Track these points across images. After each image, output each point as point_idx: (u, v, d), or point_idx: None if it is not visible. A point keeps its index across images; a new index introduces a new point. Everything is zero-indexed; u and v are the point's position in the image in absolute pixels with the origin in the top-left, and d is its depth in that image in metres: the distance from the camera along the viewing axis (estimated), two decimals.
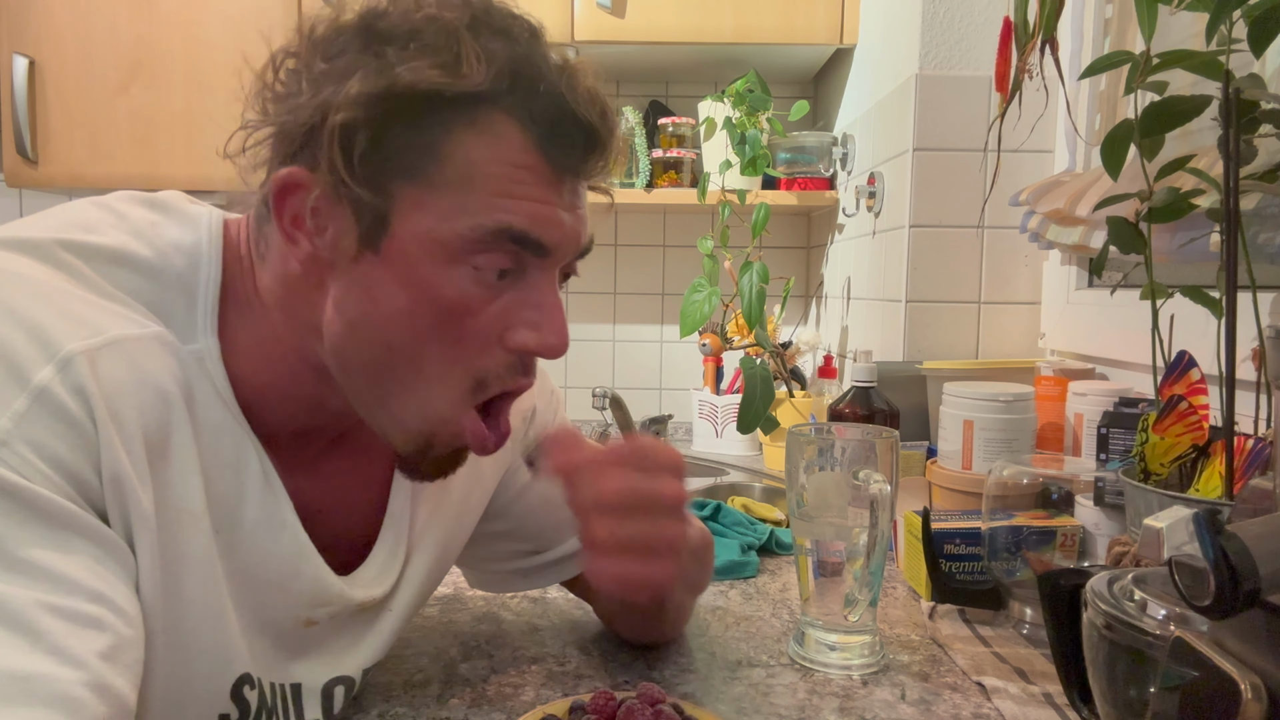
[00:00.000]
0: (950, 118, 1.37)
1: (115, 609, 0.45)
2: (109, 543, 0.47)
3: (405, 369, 0.56)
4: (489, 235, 0.54)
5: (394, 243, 0.54)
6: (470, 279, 0.55)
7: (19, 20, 1.80)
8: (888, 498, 0.74)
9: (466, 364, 0.56)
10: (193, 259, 0.56)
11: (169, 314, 0.55)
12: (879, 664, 0.79)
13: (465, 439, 0.59)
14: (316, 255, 0.55)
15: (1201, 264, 0.97)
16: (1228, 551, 0.41)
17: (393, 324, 0.55)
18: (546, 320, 0.57)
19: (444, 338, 0.55)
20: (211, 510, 0.55)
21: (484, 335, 0.56)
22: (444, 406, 0.57)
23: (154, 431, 0.51)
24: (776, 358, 1.75)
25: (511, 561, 0.82)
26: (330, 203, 0.54)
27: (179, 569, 0.53)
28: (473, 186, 0.53)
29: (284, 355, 0.58)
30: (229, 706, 0.58)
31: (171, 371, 0.52)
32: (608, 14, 1.74)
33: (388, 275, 0.54)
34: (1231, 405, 0.69)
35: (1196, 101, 0.74)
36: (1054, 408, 1.14)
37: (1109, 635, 0.53)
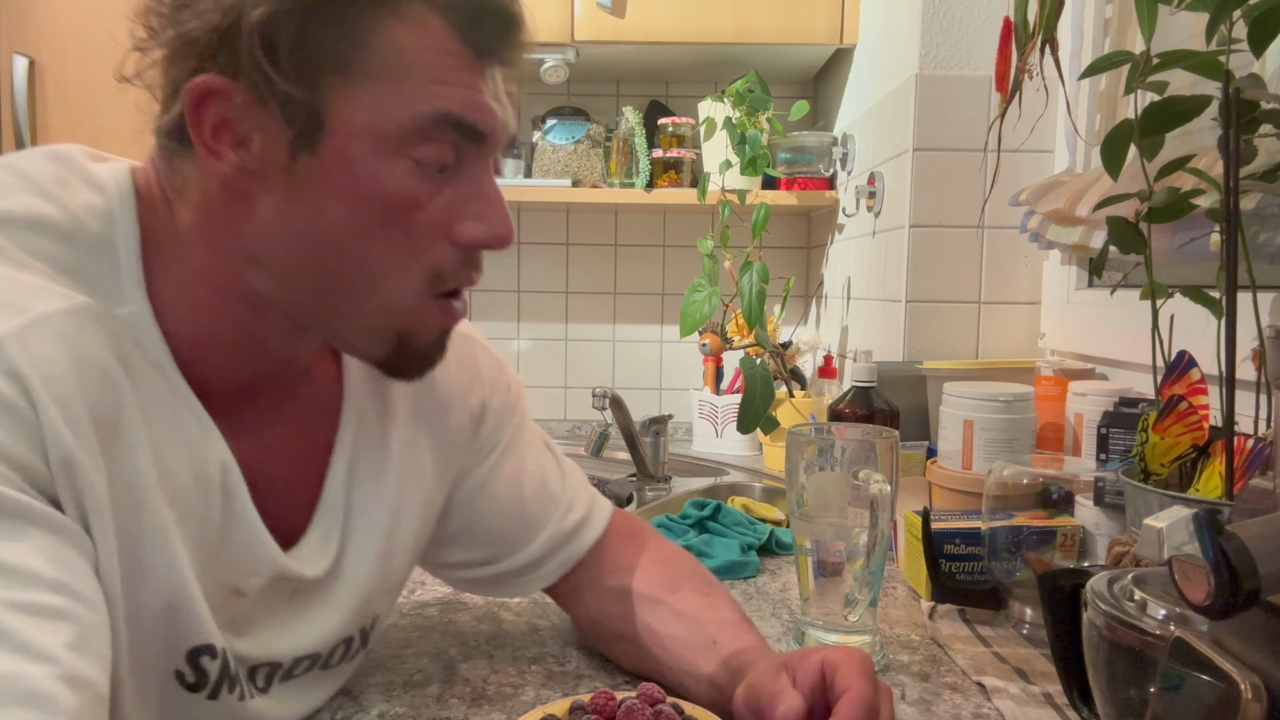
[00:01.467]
0: (950, 118, 1.37)
1: (77, 596, 0.44)
2: (64, 529, 0.46)
3: (359, 272, 0.56)
4: (428, 123, 0.53)
5: (332, 141, 0.52)
6: (412, 173, 0.54)
7: (19, 20, 1.80)
8: (888, 498, 0.74)
9: (419, 258, 0.56)
10: (106, 217, 0.54)
11: (92, 279, 0.53)
12: (879, 664, 0.79)
13: (433, 324, 0.59)
14: (244, 168, 0.53)
15: (1201, 264, 0.97)
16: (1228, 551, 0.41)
17: (342, 227, 0.54)
18: (491, 211, 0.58)
19: (394, 234, 0.55)
20: (163, 482, 0.54)
21: (432, 230, 0.56)
22: (406, 301, 0.57)
23: (101, 410, 0.50)
24: (776, 358, 1.75)
25: (464, 570, 0.79)
26: (255, 108, 0.52)
27: (136, 544, 0.52)
28: (405, 75, 0.53)
29: (218, 297, 0.57)
30: (185, 668, 0.57)
31: (106, 344, 0.51)
32: (608, 14, 1.74)
33: (330, 177, 0.53)
34: (1231, 405, 0.69)
35: (1196, 101, 0.74)
36: (1054, 408, 1.14)
37: (1109, 635, 0.53)
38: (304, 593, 0.65)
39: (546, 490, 0.79)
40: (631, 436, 1.56)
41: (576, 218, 2.17)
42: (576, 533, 0.79)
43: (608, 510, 0.83)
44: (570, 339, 2.19)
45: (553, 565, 0.79)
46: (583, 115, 2.00)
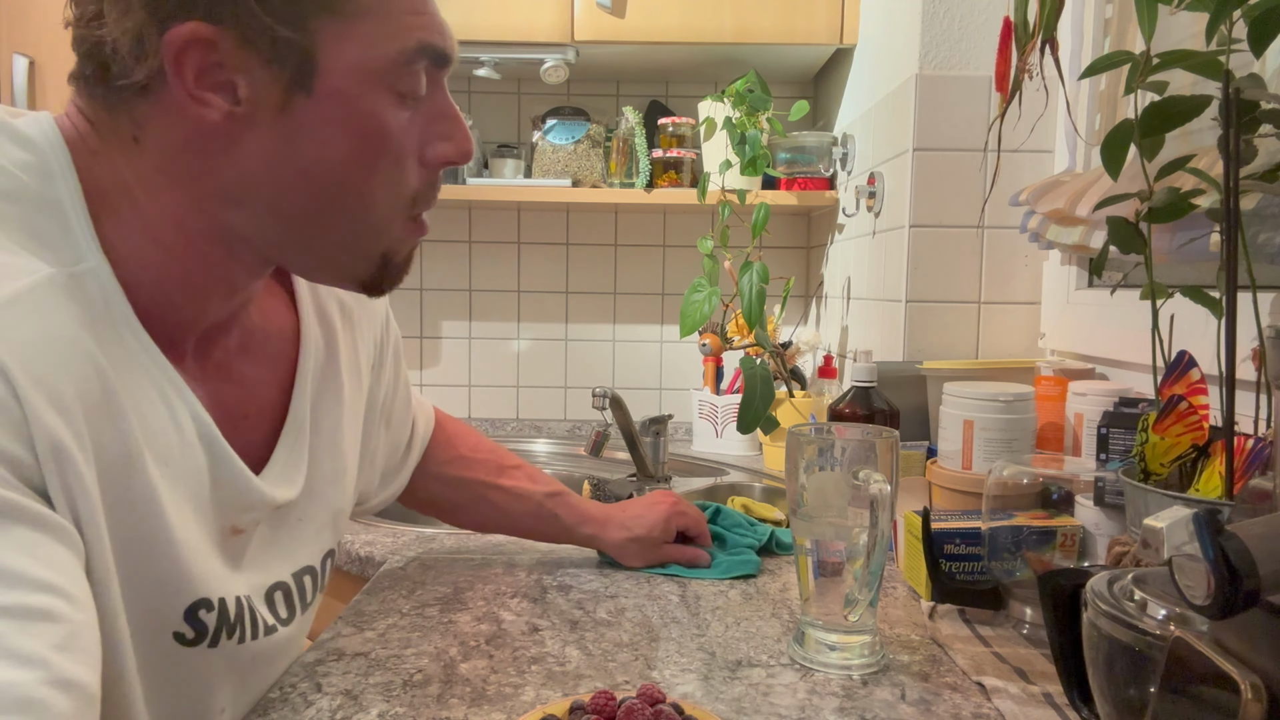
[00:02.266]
0: (950, 118, 1.37)
1: (64, 595, 0.44)
2: (51, 525, 0.46)
3: (357, 202, 0.58)
4: (412, 55, 0.56)
5: (327, 81, 0.55)
6: (396, 104, 0.57)
7: (19, 20, 1.80)
8: (888, 498, 0.74)
9: (405, 186, 0.60)
10: (43, 172, 0.53)
11: (44, 237, 0.52)
12: (879, 664, 0.79)
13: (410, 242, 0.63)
14: (231, 113, 0.53)
15: (1201, 264, 0.97)
16: (1227, 551, 0.41)
17: (346, 161, 0.56)
18: (456, 128, 0.61)
19: (388, 164, 0.58)
20: (150, 444, 0.54)
21: (410, 156, 0.60)
22: (394, 227, 0.61)
23: (87, 387, 0.50)
24: (776, 358, 1.75)
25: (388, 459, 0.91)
26: (244, 53, 0.52)
27: (126, 514, 0.52)
28: (387, 11, 0.56)
29: (187, 239, 0.57)
30: (183, 627, 0.58)
31: (76, 317, 0.51)
32: (608, 14, 1.74)
33: (328, 115, 0.55)
34: (1231, 405, 0.69)
35: (1196, 101, 0.74)
36: (1054, 408, 1.14)
37: (1109, 635, 0.53)
38: (285, 514, 0.69)
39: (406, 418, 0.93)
40: (631, 436, 1.56)
41: (576, 218, 2.17)
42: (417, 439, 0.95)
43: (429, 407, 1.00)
44: (570, 339, 2.19)
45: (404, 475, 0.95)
46: (583, 115, 2.00)
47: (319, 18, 0.53)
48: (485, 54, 1.77)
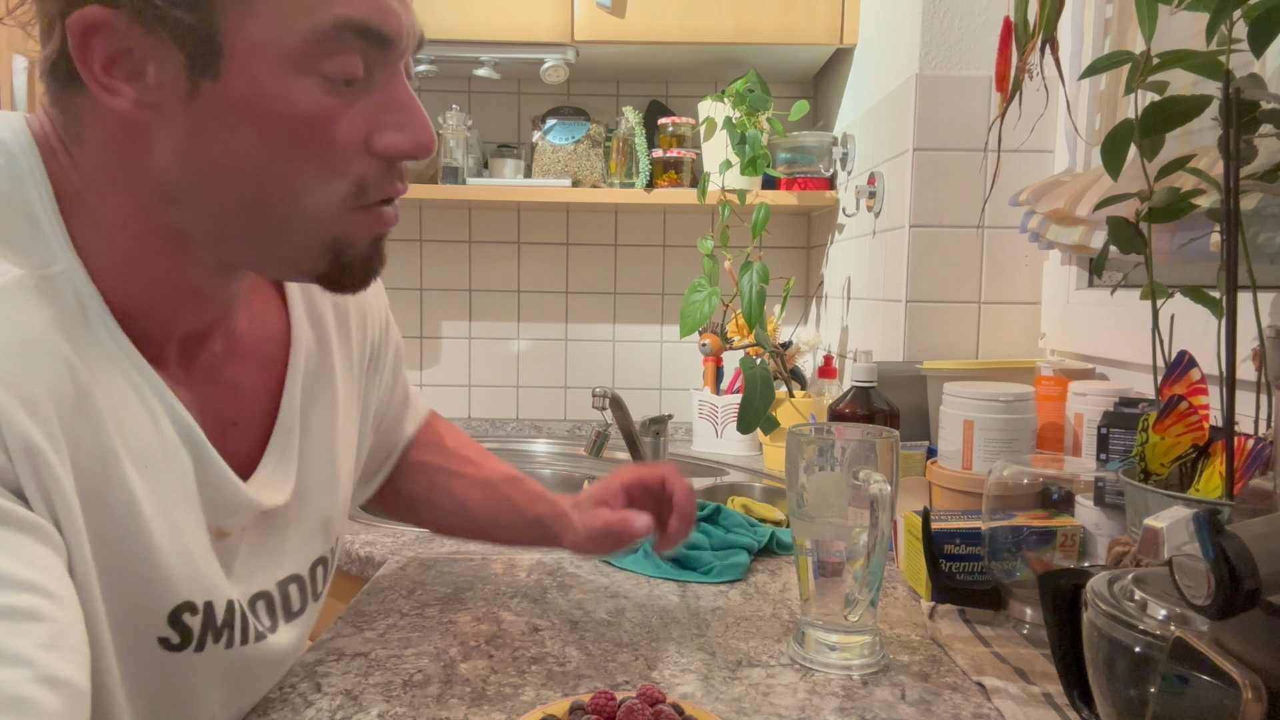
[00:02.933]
0: (950, 118, 1.37)
1: (48, 594, 0.44)
2: (29, 525, 0.45)
3: (281, 194, 0.54)
4: (331, 32, 0.51)
5: (232, 63, 0.50)
6: (321, 88, 0.52)
7: None
8: (888, 498, 0.74)
9: (338, 173, 0.55)
10: (11, 173, 0.52)
11: (13, 240, 0.51)
12: (879, 664, 0.79)
13: (363, 233, 0.58)
14: (141, 102, 0.51)
15: (1201, 264, 0.97)
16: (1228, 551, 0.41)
17: (255, 151, 0.52)
18: (410, 119, 0.56)
19: (311, 153, 0.53)
20: (128, 447, 0.53)
21: (349, 144, 0.55)
22: (330, 215, 0.56)
23: (60, 388, 0.49)
24: (776, 358, 1.75)
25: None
26: (144, 36, 0.49)
27: (105, 516, 0.52)
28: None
29: (139, 240, 0.55)
30: (167, 631, 0.57)
31: (48, 318, 0.49)
32: (608, 14, 1.74)
33: (235, 101, 0.51)
34: (1232, 405, 0.69)
35: (1196, 101, 0.74)
36: (1054, 408, 1.14)
37: (1109, 635, 0.53)
38: (272, 519, 0.67)
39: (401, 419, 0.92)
40: (631, 436, 1.56)
41: (576, 218, 2.17)
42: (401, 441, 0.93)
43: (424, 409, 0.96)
44: (570, 339, 2.19)
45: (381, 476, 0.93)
46: (583, 115, 2.00)
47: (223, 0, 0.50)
48: (485, 54, 1.77)
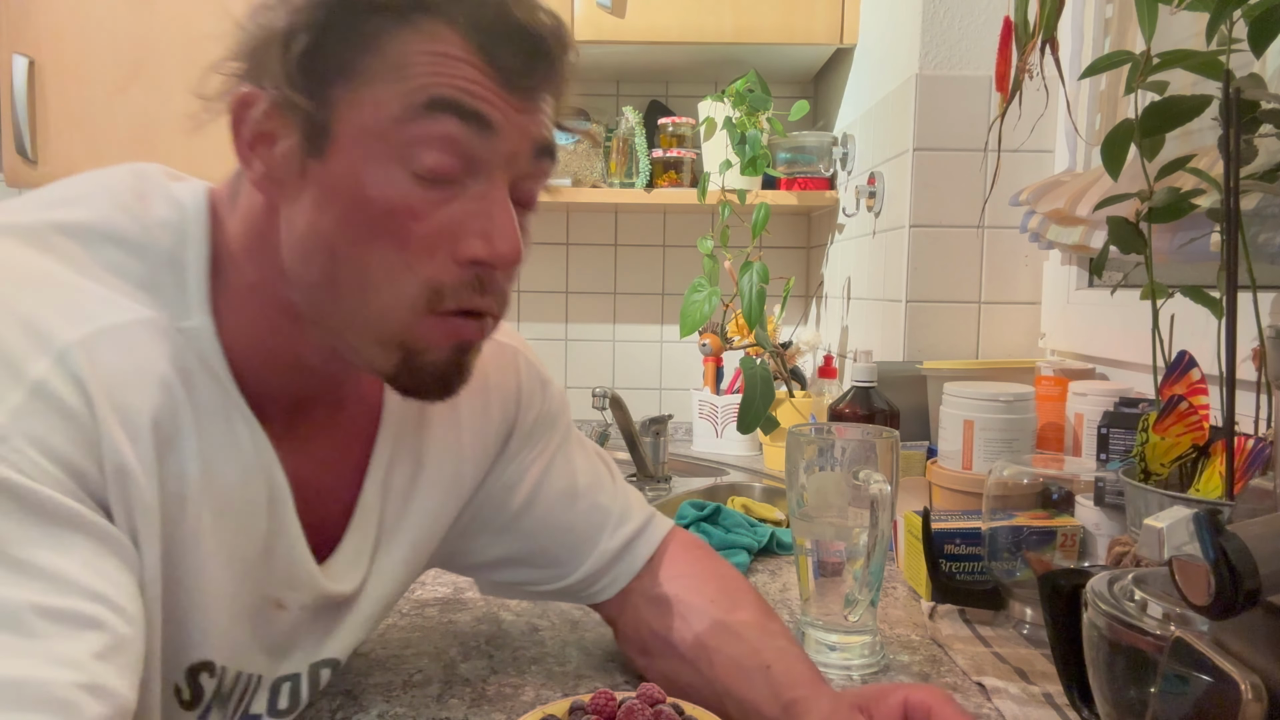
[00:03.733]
0: (950, 118, 1.37)
1: (114, 607, 0.44)
2: (110, 538, 0.46)
3: (353, 278, 0.54)
4: (421, 112, 0.51)
5: (337, 146, 0.52)
6: (411, 180, 0.53)
7: (19, 20, 1.80)
8: (888, 498, 0.74)
9: (416, 271, 0.54)
10: (179, 233, 0.56)
11: (160, 292, 0.54)
12: (879, 664, 0.79)
13: (437, 339, 0.56)
14: (268, 176, 0.54)
15: (1201, 264, 0.97)
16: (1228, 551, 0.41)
17: (337, 230, 0.53)
18: (497, 228, 0.54)
19: (387, 241, 0.53)
20: (210, 493, 0.54)
21: (432, 243, 0.54)
22: (400, 313, 0.54)
23: (162, 420, 0.51)
24: (776, 358, 1.75)
25: (525, 588, 0.79)
26: (277, 115, 0.53)
27: (176, 554, 0.52)
28: (406, 72, 0.52)
29: (263, 310, 0.57)
30: (183, 684, 0.57)
31: (167, 356, 0.52)
32: (608, 14, 1.74)
33: (331, 181, 0.53)
34: (1232, 405, 0.69)
35: (1196, 101, 0.74)
36: (1054, 408, 1.14)
37: (1109, 635, 0.53)
38: (335, 604, 0.65)
39: (597, 506, 0.77)
40: (631, 436, 1.56)
41: (576, 218, 2.17)
42: (629, 548, 0.77)
43: (665, 526, 0.80)
44: (570, 339, 2.19)
45: (606, 581, 0.77)
46: (583, 115, 2.00)
47: (337, 84, 0.52)
48: None
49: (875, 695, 0.57)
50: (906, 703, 0.56)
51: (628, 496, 0.80)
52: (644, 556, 0.77)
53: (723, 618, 0.70)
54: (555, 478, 0.76)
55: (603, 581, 0.77)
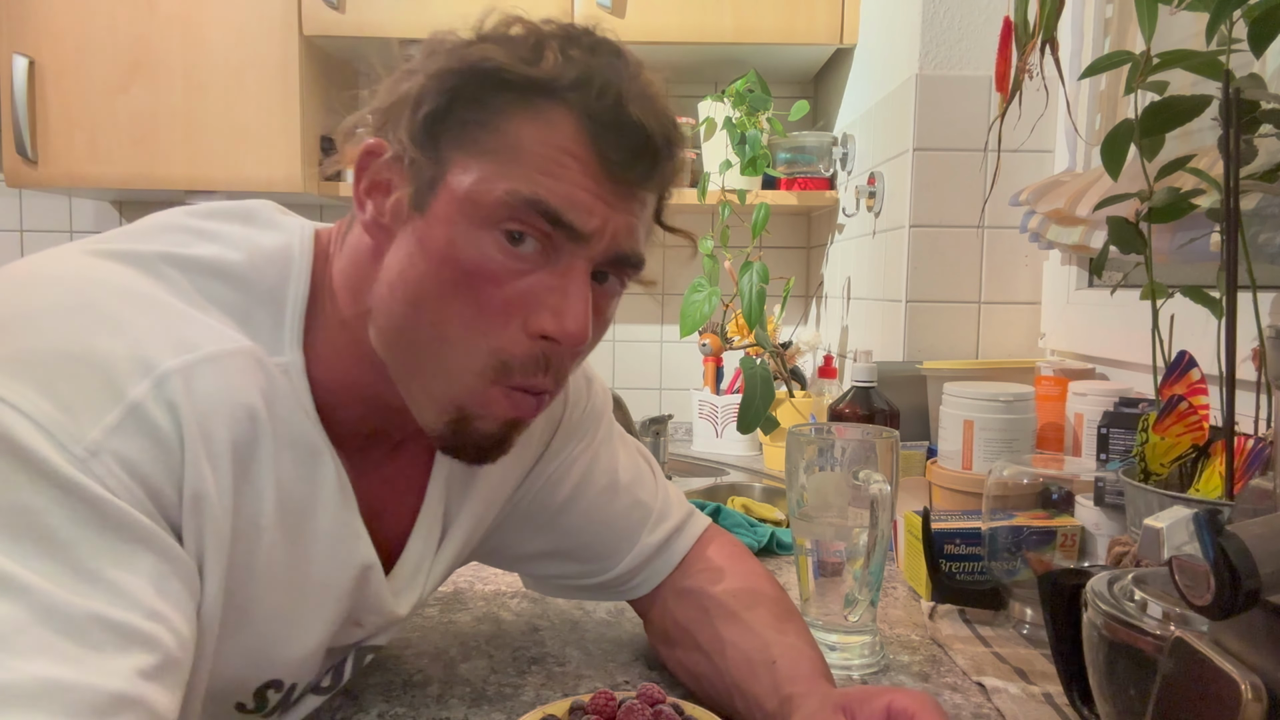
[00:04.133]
0: (950, 118, 1.37)
1: (170, 627, 0.46)
2: (178, 562, 0.48)
3: (429, 330, 0.56)
4: (522, 204, 0.54)
5: (439, 204, 0.56)
6: (497, 247, 0.55)
7: (19, 20, 1.80)
8: (888, 498, 0.74)
9: (487, 336, 0.56)
10: (283, 271, 0.59)
11: (256, 326, 0.57)
12: (879, 664, 0.79)
13: (495, 410, 0.58)
14: (378, 221, 0.58)
15: (1201, 264, 0.97)
16: (1228, 551, 0.41)
17: (420, 282, 0.56)
18: (568, 307, 0.56)
19: (465, 301, 0.55)
20: (284, 522, 0.56)
21: (506, 310, 0.56)
22: (468, 377, 0.57)
23: (241, 448, 0.52)
24: (776, 358, 1.75)
25: (562, 581, 0.82)
26: (396, 168, 0.57)
27: (242, 582, 0.54)
28: (518, 159, 0.55)
29: (355, 347, 0.60)
30: (249, 700, 0.60)
31: (259, 386, 0.54)
32: (608, 14, 1.74)
33: (428, 235, 0.55)
34: (1232, 405, 0.69)
35: (1196, 101, 0.74)
36: (1054, 408, 1.14)
37: (1109, 635, 0.53)
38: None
39: (638, 503, 0.78)
40: (632, 436, 1.56)
41: None
42: (667, 545, 0.79)
43: (703, 524, 0.82)
44: None
45: (643, 577, 0.79)
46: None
47: (454, 151, 0.56)
48: None
49: (861, 697, 0.58)
50: (890, 708, 0.56)
51: (668, 493, 0.82)
52: (681, 553, 0.79)
53: (742, 613, 0.72)
54: (598, 474, 0.77)
55: (640, 577, 0.79)
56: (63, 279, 0.51)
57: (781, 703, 0.62)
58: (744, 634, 0.70)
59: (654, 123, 0.57)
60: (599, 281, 0.60)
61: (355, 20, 1.79)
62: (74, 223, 2.23)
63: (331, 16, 1.79)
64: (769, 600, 0.74)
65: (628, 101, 0.56)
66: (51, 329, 0.47)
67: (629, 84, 0.56)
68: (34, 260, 0.54)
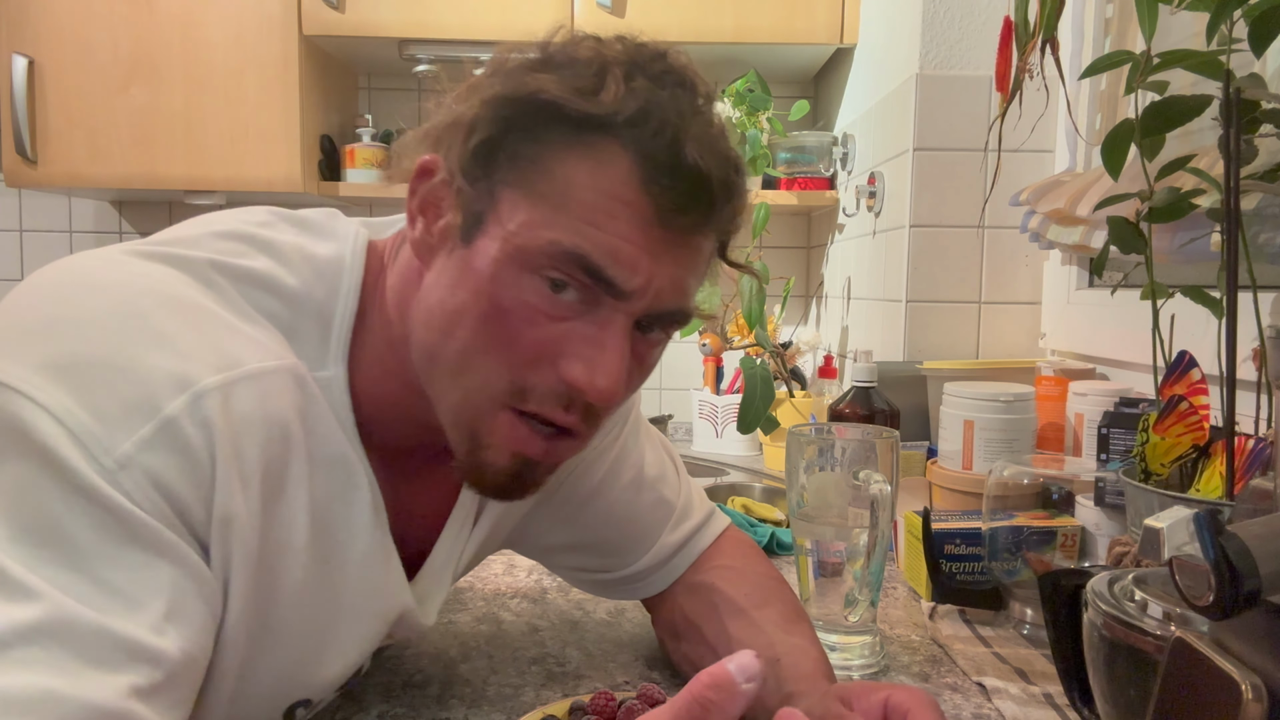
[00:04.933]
0: (950, 118, 1.37)
1: (179, 645, 0.45)
2: (199, 578, 0.47)
3: (456, 358, 0.56)
4: (564, 256, 0.53)
5: (483, 238, 0.55)
6: (537, 293, 0.54)
7: (19, 20, 1.80)
8: (888, 498, 0.74)
9: (512, 369, 0.56)
10: (333, 286, 0.58)
11: (303, 339, 0.57)
12: (879, 664, 0.79)
13: (499, 438, 0.57)
14: (424, 239, 0.57)
15: (1202, 264, 0.97)
16: (1228, 551, 0.40)
17: (458, 312, 0.55)
18: (601, 362, 0.55)
19: (496, 336, 0.55)
20: (316, 543, 0.56)
21: (539, 351, 0.55)
22: (483, 402, 0.56)
23: (274, 467, 0.52)
24: (776, 358, 1.75)
25: (581, 574, 0.82)
26: (446, 192, 0.56)
27: (271, 602, 0.53)
28: (566, 206, 0.53)
29: (398, 365, 0.60)
30: (278, 718, 0.60)
31: (298, 406, 0.54)
32: (608, 14, 1.74)
33: (469, 267, 0.55)
34: (1232, 405, 0.69)
35: (1197, 101, 0.74)
36: (1054, 408, 1.14)
37: (1109, 635, 0.53)
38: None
39: (661, 500, 0.78)
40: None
41: None
42: (687, 544, 0.79)
43: (722, 524, 0.82)
44: None
45: (661, 575, 0.79)
46: None
47: (504, 186, 0.55)
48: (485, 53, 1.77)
49: (860, 691, 0.58)
50: (888, 702, 0.56)
51: (690, 491, 0.82)
52: (697, 552, 0.79)
53: (750, 611, 0.72)
54: (625, 468, 0.77)
55: (657, 575, 0.79)
56: (113, 285, 0.51)
57: (783, 700, 0.62)
58: (750, 631, 0.70)
59: (712, 165, 0.54)
60: (643, 331, 0.58)
61: (355, 20, 1.79)
62: (74, 223, 2.23)
63: (331, 16, 1.79)
64: (778, 600, 0.74)
65: (685, 141, 0.53)
66: (97, 336, 0.47)
67: (689, 121, 0.54)
68: (85, 260, 0.53)
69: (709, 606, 0.74)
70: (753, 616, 0.71)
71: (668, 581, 0.79)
